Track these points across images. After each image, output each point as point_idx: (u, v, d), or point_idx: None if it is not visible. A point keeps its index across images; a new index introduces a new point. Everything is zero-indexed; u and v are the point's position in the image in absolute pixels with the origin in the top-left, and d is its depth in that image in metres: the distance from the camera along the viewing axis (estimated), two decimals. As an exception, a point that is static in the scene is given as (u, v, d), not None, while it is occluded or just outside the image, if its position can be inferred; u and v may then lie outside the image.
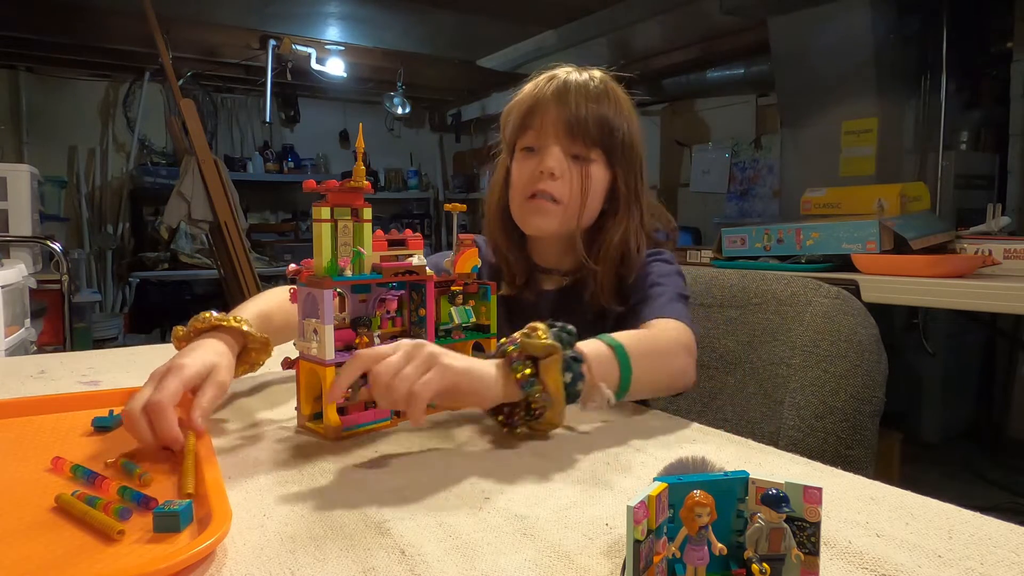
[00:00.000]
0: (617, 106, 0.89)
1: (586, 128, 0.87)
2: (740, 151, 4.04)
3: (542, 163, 0.87)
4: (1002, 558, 0.42)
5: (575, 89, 0.87)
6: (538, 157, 0.89)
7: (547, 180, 0.87)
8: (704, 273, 1.10)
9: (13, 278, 2.08)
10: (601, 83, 0.90)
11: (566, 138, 0.87)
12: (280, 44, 4.03)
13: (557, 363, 0.62)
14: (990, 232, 1.98)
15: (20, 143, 4.28)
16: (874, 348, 0.90)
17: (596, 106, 0.87)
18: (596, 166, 0.89)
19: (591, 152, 0.88)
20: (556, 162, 0.87)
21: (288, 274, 0.70)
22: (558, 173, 0.87)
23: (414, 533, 0.46)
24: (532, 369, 0.62)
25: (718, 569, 0.39)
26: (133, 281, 4.41)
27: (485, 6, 3.36)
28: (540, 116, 0.88)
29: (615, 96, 0.90)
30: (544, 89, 0.89)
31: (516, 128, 0.91)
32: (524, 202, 0.90)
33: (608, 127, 0.88)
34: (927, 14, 2.62)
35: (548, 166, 0.86)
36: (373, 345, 0.68)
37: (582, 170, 0.88)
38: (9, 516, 0.48)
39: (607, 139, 0.88)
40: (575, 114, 0.86)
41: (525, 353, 0.63)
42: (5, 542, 0.44)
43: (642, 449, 0.63)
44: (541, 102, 0.88)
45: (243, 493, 0.53)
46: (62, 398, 0.76)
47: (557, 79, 0.89)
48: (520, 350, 0.63)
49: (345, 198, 0.66)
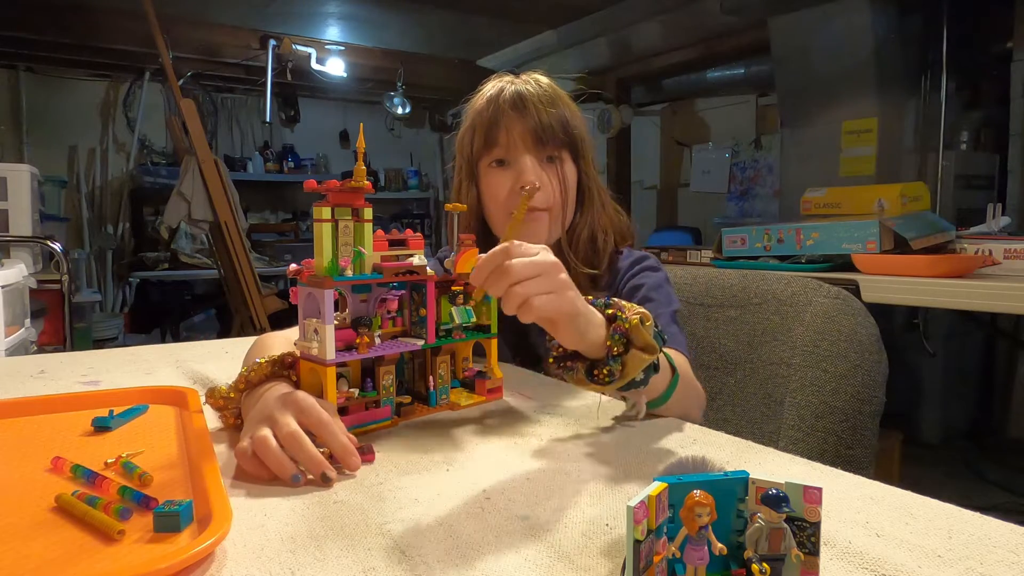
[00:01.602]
0: (568, 105, 0.94)
1: (552, 132, 0.90)
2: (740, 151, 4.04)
3: (521, 176, 0.90)
4: (1002, 558, 0.42)
5: (530, 97, 0.91)
6: (512, 170, 0.91)
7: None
8: (704, 273, 1.10)
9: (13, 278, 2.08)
10: (549, 86, 0.94)
11: (535, 146, 0.91)
12: (280, 44, 4.03)
13: (644, 363, 0.64)
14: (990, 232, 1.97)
15: (20, 143, 4.28)
16: (874, 348, 0.90)
17: (554, 110, 0.91)
18: (567, 164, 0.93)
19: (560, 152, 0.92)
20: (534, 173, 0.90)
21: (289, 274, 0.69)
22: (539, 183, 0.89)
23: (414, 533, 0.46)
24: (622, 350, 0.63)
25: (718, 569, 0.39)
26: (133, 281, 4.41)
27: (485, 6, 3.36)
28: (505, 129, 0.91)
29: (562, 96, 0.94)
30: (499, 102, 0.91)
31: (481, 146, 0.93)
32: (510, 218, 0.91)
33: (567, 126, 0.92)
34: (927, 14, 2.62)
35: (528, 180, 0.89)
36: (374, 345, 0.68)
37: (558, 171, 0.92)
38: (9, 516, 0.48)
39: (569, 137, 0.93)
40: (539, 121, 0.90)
41: (629, 334, 0.63)
42: (5, 542, 0.44)
43: (642, 449, 0.63)
44: (502, 115, 0.91)
45: (243, 493, 0.53)
46: (62, 398, 0.76)
47: (508, 91, 0.92)
48: (629, 328, 0.63)
49: (346, 198, 0.66)
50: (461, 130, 0.98)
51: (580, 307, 0.62)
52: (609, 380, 0.64)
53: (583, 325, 0.63)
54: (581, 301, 0.63)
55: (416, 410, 0.74)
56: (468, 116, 0.96)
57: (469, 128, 0.95)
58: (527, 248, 0.61)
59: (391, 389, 0.70)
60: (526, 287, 0.59)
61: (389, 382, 0.70)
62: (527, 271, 0.59)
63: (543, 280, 0.60)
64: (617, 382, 0.64)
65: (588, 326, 0.63)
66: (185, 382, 0.88)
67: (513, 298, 0.59)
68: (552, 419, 0.72)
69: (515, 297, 0.59)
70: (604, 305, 0.66)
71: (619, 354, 0.63)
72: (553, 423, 0.71)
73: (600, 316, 0.65)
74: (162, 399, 0.77)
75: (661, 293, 0.92)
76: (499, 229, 0.94)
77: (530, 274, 0.59)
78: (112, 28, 3.65)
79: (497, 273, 0.59)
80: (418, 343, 0.72)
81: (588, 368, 0.65)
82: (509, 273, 0.59)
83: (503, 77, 0.96)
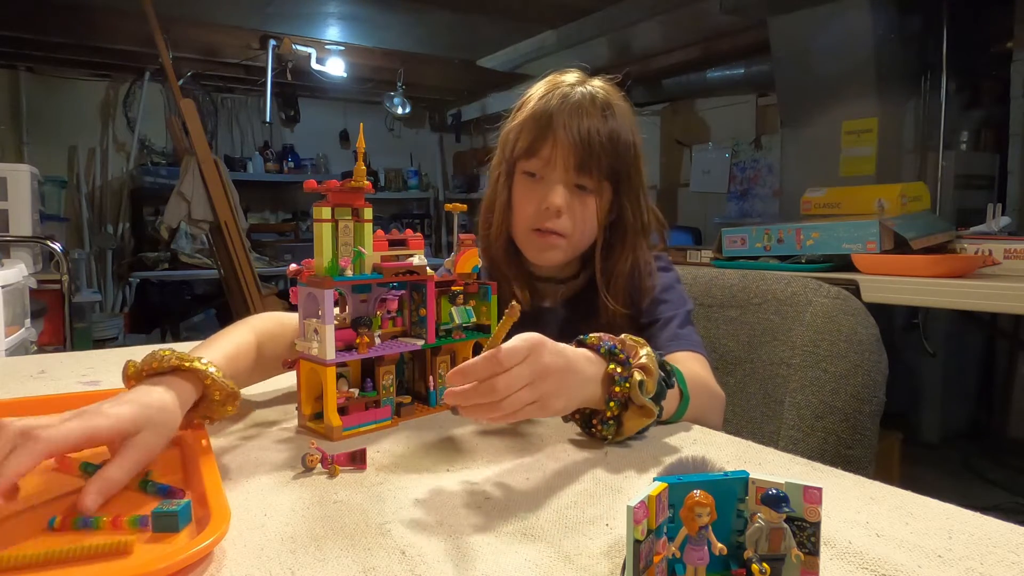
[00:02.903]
0: (622, 126, 0.86)
1: (597, 165, 0.84)
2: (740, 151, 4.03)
3: (547, 199, 0.85)
4: (1002, 558, 0.42)
5: (588, 119, 0.84)
6: (542, 189, 0.87)
7: (554, 217, 0.86)
8: (704, 273, 1.10)
9: (13, 278, 2.08)
10: (605, 99, 0.86)
11: (574, 170, 0.85)
12: (280, 44, 4.02)
13: (642, 424, 0.63)
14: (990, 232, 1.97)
15: (20, 143, 4.28)
16: (874, 348, 0.90)
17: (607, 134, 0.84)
18: (604, 198, 0.88)
19: (600, 185, 0.87)
20: (562, 200, 0.85)
21: (289, 274, 0.69)
22: (564, 211, 0.86)
23: (414, 533, 0.46)
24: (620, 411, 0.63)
25: (718, 569, 0.39)
26: (133, 281, 4.41)
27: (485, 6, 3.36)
28: (550, 145, 0.85)
29: (621, 114, 0.87)
30: (556, 112, 0.85)
31: (523, 150, 0.87)
32: (531, 235, 0.89)
33: (616, 161, 0.86)
34: (927, 14, 2.62)
35: (555, 204, 0.85)
36: (374, 345, 0.68)
37: (587, 204, 0.87)
38: (9, 516, 0.48)
39: (615, 170, 0.86)
40: (586, 148, 0.83)
41: (626, 396, 0.62)
42: (5, 543, 0.44)
43: (642, 449, 0.63)
44: (551, 127, 0.84)
45: (243, 493, 0.52)
46: (62, 398, 0.76)
47: (569, 102, 0.85)
48: (624, 391, 0.62)
49: (346, 198, 0.66)
50: (510, 123, 0.90)
51: (563, 404, 0.60)
52: (605, 438, 0.64)
53: (572, 404, 0.62)
54: (566, 395, 0.60)
55: (416, 410, 0.73)
56: (522, 110, 0.89)
57: (518, 126, 0.88)
58: (515, 352, 0.55)
59: (391, 389, 0.70)
60: (511, 403, 0.55)
61: (389, 382, 0.70)
62: (514, 385, 0.55)
63: (529, 391, 0.56)
64: (615, 439, 0.64)
65: (579, 396, 0.62)
66: (185, 382, 0.88)
67: (497, 414, 0.56)
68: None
69: (499, 414, 0.56)
70: (607, 354, 0.64)
71: (616, 415, 0.63)
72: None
73: (596, 370, 0.63)
74: (162, 399, 0.77)
75: (673, 294, 0.91)
76: (519, 239, 0.92)
77: (517, 387, 0.55)
78: (112, 28, 3.65)
79: (483, 390, 0.54)
80: (418, 343, 0.72)
81: (586, 419, 0.65)
82: (495, 391, 0.54)
83: (570, 76, 0.89)
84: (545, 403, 0.58)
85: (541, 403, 0.58)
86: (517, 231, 0.91)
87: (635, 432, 0.64)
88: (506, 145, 0.91)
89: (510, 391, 0.55)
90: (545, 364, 0.57)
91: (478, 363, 0.54)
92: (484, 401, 0.55)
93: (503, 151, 0.92)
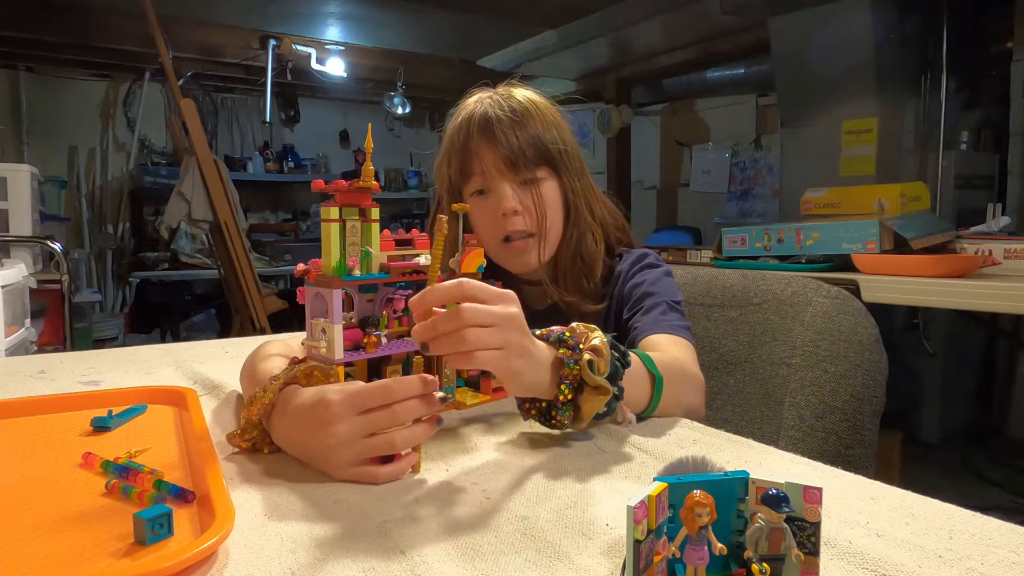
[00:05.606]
0: (543, 119, 0.90)
1: (524, 156, 0.88)
2: (740, 151, 4.04)
3: (499, 204, 0.88)
4: (1002, 558, 0.42)
5: (498, 122, 0.88)
6: (492, 198, 0.90)
7: (511, 219, 0.89)
8: (704, 273, 1.10)
9: (13, 278, 2.08)
10: (520, 104, 0.90)
11: (509, 172, 0.89)
12: (280, 44, 4.03)
13: (599, 404, 0.61)
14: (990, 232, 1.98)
15: (20, 143, 4.28)
16: (874, 348, 0.90)
17: (524, 131, 0.88)
18: (546, 183, 0.91)
19: (537, 172, 0.90)
20: (512, 201, 0.88)
21: (296, 274, 0.69)
22: (519, 209, 0.89)
23: (414, 533, 0.46)
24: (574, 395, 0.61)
25: (718, 569, 0.39)
26: (133, 281, 4.41)
27: (485, 6, 3.36)
28: (477, 159, 0.89)
29: (538, 110, 0.91)
30: (469, 129, 0.89)
31: (458, 174, 0.92)
32: (500, 246, 0.91)
33: (542, 144, 0.89)
34: (927, 14, 2.62)
35: (507, 207, 0.88)
36: (381, 345, 0.68)
37: (534, 192, 0.90)
38: (9, 516, 0.48)
39: (546, 155, 0.90)
40: (508, 146, 0.87)
41: (577, 379, 0.61)
42: (5, 543, 0.44)
43: (642, 449, 0.63)
44: (472, 143, 0.89)
45: (244, 493, 0.53)
46: (62, 398, 0.76)
47: (477, 116, 0.89)
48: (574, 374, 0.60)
49: (353, 198, 0.66)
50: (439, 157, 0.95)
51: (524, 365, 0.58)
52: (565, 426, 0.63)
53: (529, 379, 0.59)
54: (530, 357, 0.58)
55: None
56: (445, 140, 0.94)
57: (445, 155, 0.93)
58: (485, 289, 0.55)
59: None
60: (476, 336, 0.53)
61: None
62: (481, 318, 0.53)
63: (495, 332, 0.54)
64: (576, 424, 0.63)
65: (535, 375, 0.59)
66: (185, 382, 0.88)
67: (456, 342, 0.53)
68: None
69: (459, 342, 0.53)
70: (556, 341, 0.62)
71: (571, 399, 0.61)
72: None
73: (548, 355, 0.61)
74: (161, 399, 0.77)
75: (661, 286, 0.91)
76: (493, 256, 0.93)
77: (484, 322, 0.54)
78: (112, 28, 3.65)
79: (448, 316, 0.53)
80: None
81: (544, 411, 0.64)
82: (460, 316, 0.53)
83: (480, 93, 0.93)
84: (508, 355, 0.56)
85: (505, 352, 0.55)
86: (489, 249, 0.92)
87: (593, 415, 0.62)
88: (443, 180, 0.95)
89: (475, 321, 0.53)
90: (513, 313, 0.56)
91: (442, 286, 0.54)
92: (449, 330, 0.53)
93: (442, 186, 0.95)
